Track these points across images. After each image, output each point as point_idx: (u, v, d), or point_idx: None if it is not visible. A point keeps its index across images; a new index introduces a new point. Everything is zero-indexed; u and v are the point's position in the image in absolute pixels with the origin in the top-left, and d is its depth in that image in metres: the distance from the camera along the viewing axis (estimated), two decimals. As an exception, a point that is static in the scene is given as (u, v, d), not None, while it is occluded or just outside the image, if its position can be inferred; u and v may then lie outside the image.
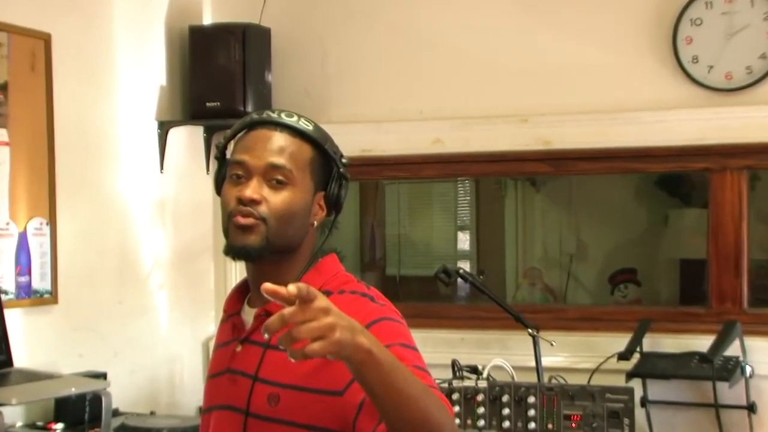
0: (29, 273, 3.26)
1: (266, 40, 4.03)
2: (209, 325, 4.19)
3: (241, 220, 1.78)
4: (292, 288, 1.43)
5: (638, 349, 3.47)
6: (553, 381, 3.14)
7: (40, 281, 3.30)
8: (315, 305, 1.43)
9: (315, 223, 1.86)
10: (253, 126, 1.85)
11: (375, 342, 1.51)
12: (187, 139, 4.07)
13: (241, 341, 1.85)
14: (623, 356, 3.40)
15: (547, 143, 3.83)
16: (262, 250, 1.79)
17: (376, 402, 1.54)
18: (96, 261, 3.57)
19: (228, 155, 1.89)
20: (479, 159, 4.00)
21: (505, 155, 3.94)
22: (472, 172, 4.47)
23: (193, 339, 4.10)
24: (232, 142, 1.90)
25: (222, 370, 1.87)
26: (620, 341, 3.48)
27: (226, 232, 1.82)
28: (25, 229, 3.24)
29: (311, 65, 4.14)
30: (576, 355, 3.67)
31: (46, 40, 3.31)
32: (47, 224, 3.32)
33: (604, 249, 6.16)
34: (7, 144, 3.17)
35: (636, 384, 3.29)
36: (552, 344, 3.40)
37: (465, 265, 6.32)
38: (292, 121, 1.83)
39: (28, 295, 3.25)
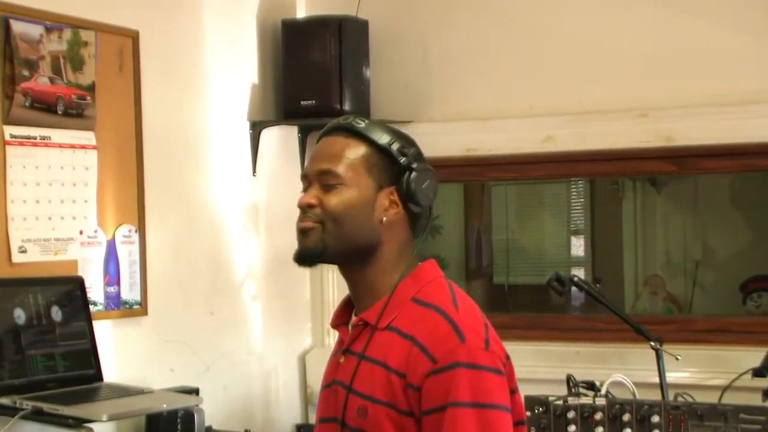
0: (118, 283, 3.32)
1: (364, 33, 4.05)
2: (306, 338, 4.22)
3: (300, 224, 1.97)
4: None
5: (775, 365, 3.38)
6: (680, 399, 3.07)
7: (129, 291, 3.36)
8: None
9: (384, 219, 1.96)
10: (320, 136, 2.05)
11: None
12: (281, 139, 4.10)
13: (343, 352, 1.99)
14: (759, 372, 3.31)
15: (669, 139, 3.76)
16: (320, 253, 1.96)
17: None
18: (186, 270, 3.62)
19: None
20: (594, 157, 3.95)
21: (623, 153, 3.88)
22: (587, 171, 4.44)
23: (289, 352, 4.13)
24: None
25: (329, 381, 2.02)
26: (755, 356, 3.38)
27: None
28: (113, 236, 3.31)
29: (412, 59, 4.14)
30: (704, 371, 3.60)
31: (134, 38, 3.38)
32: (136, 232, 3.39)
33: (734, 254, 6.02)
34: (94, 148, 3.24)
35: (773, 403, 3.20)
36: (677, 358, 3.33)
37: (579, 273, 6.24)
38: (346, 123, 2.01)
39: (117, 306, 3.32)
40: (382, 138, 1.98)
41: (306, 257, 1.98)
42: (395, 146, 1.98)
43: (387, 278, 1.97)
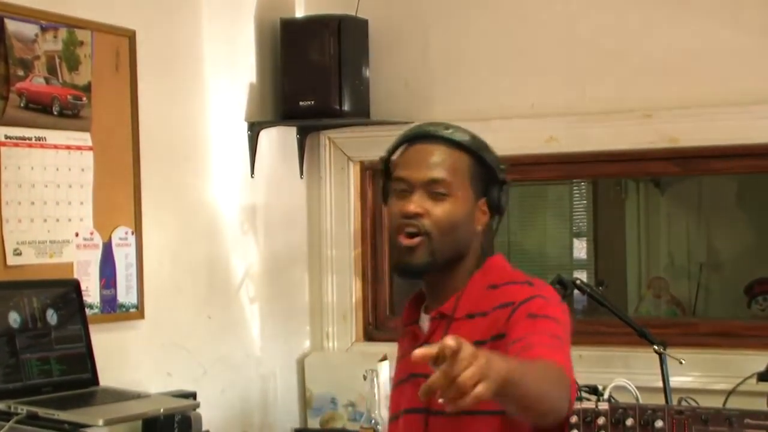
0: (114, 286, 3.33)
1: (363, 32, 4.05)
2: (304, 341, 4.22)
3: (405, 242, 2.06)
4: (440, 347, 1.59)
5: (781, 369, 3.38)
6: (684, 403, 3.07)
7: (125, 295, 3.36)
8: (464, 354, 1.58)
9: (479, 228, 2.13)
10: (413, 140, 2.14)
11: (504, 361, 1.70)
12: (280, 140, 4.11)
13: (420, 346, 2.02)
14: (765, 377, 3.31)
15: (673, 140, 3.76)
16: (428, 267, 2.08)
17: (500, 401, 1.74)
18: (184, 273, 3.63)
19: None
20: (597, 158, 3.95)
21: (627, 154, 3.88)
22: (590, 173, 4.45)
23: (287, 356, 4.14)
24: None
25: (406, 376, 2.15)
26: (760, 360, 3.39)
27: (392, 250, 2.12)
28: (109, 239, 3.31)
29: (412, 59, 4.14)
30: (709, 375, 3.60)
31: (130, 37, 3.38)
32: (133, 234, 3.39)
33: (739, 256, 6.03)
34: (90, 149, 3.24)
35: (778, 408, 3.21)
36: (681, 362, 3.34)
37: (582, 276, 6.25)
38: (449, 133, 2.09)
39: (113, 310, 3.32)
40: (486, 153, 2.11)
41: (415, 272, 2.11)
42: (495, 161, 2.11)
43: (464, 275, 2.13)
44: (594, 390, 3.16)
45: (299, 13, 4.18)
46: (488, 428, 2.02)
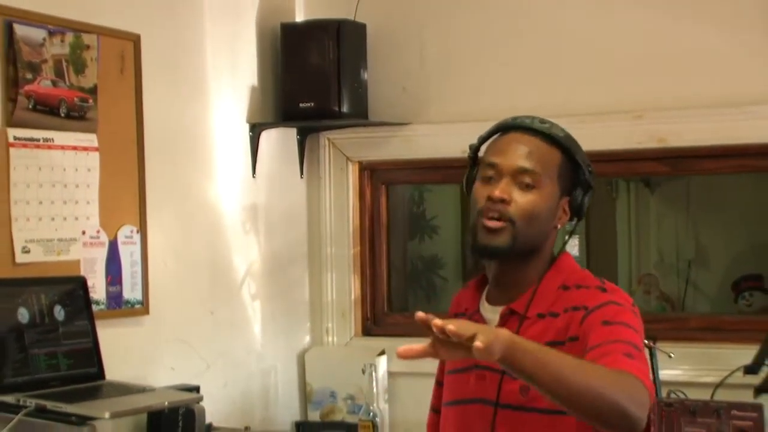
0: (120, 283, 3.33)
1: (361, 36, 4.05)
2: (304, 337, 4.23)
3: (490, 224, 2.01)
4: (441, 323, 1.64)
5: (767, 362, 3.38)
6: (673, 396, 3.08)
7: (131, 291, 3.37)
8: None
9: (558, 226, 2.10)
10: (506, 130, 2.11)
11: (516, 337, 1.71)
12: (280, 141, 4.11)
13: None
14: (751, 370, 3.31)
15: (663, 141, 3.76)
16: (508, 251, 2.02)
17: (535, 385, 1.73)
18: (187, 270, 3.63)
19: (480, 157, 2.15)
20: (590, 158, 3.93)
21: (618, 154, 3.88)
22: (582, 172, 4.41)
23: (288, 351, 4.14)
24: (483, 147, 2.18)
25: (468, 366, 2.08)
26: (746, 353, 3.38)
27: (473, 232, 2.05)
28: (115, 237, 3.31)
29: (409, 62, 4.14)
30: (697, 368, 3.61)
31: (135, 41, 3.38)
32: (138, 232, 3.39)
33: (727, 254, 6.03)
34: (96, 149, 3.24)
35: (765, 400, 3.20)
36: (670, 356, 3.34)
37: (574, 272, 6.25)
38: (545, 127, 2.07)
39: (119, 306, 3.32)
40: (578, 152, 2.09)
41: (495, 254, 2.04)
42: (585, 162, 2.10)
43: (536, 272, 2.09)
44: (586, 383, 3.16)
45: (299, 17, 4.18)
46: (555, 428, 1.97)
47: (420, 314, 1.66)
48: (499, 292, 2.11)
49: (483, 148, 2.19)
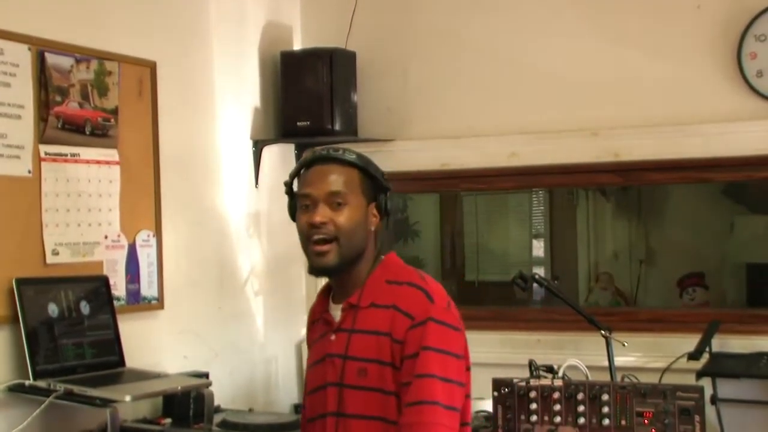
0: (138, 281, 3.33)
1: (352, 63, 4.06)
2: (302, 329, 4.22)
3: (317, 248, 2.13)
4: None
5: (707, 350, 3.41)
6: (626, 380, 3.09)
7: (148, 288, 3.37)
8: None
9: (373, 228, 2.20)
10: (311, 164, 2.19)
11: None
12: (280, 155, 4.12)
13: (335, 331, 2.19)
14: (693, 356, 3.34)
15: (616, 155, 3.79)
16: (338, 267, 2.15)
17: None
18: (197, 270, 3.63)
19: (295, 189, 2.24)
20: (552, 171, 3.97)
21: (577, 167, 3.91)
22: (546, 183, 4.44)
23: (287, 341, 4.14)
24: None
25: (322, 357, 2.22)
26: (690, 342, 3.42)
27: (307, 255, 2.17)
28: (134, 240, 3.32)
29: (393, 85, 4.16)
30: (647, 356, 3.63)
31: (152, 68, 3.39)
32: (154, 236, 3.39)
33: (672, 255, 6.07)
34: (117, 163, 3.25)
35: (706, 383, 3.23)
36: (624, 345, 3.35)
37: (540, 271, 6.29)
38: (339, 154, 2.17)
39: (137, 302, 3.33)
40: (370, 166, 2.19)
41: (328, 272, 2.18)
42: (378, 172, 2.20)
43: (365, 270, 2.20)
44: (550, 369, 3.18)
45: (297, 46, 4.19)
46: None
47: None
48: (340, 293, 2.23)
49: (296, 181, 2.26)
